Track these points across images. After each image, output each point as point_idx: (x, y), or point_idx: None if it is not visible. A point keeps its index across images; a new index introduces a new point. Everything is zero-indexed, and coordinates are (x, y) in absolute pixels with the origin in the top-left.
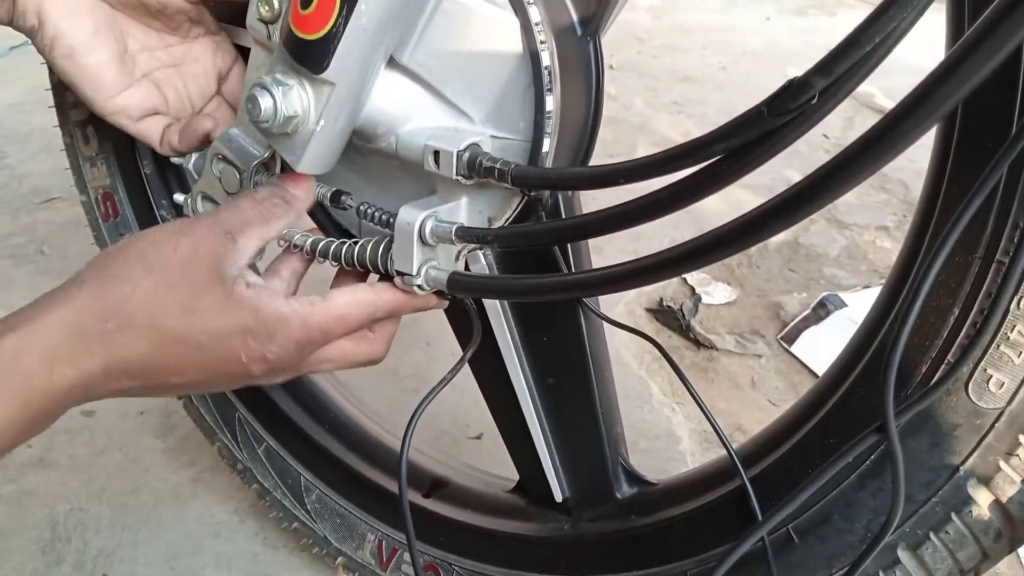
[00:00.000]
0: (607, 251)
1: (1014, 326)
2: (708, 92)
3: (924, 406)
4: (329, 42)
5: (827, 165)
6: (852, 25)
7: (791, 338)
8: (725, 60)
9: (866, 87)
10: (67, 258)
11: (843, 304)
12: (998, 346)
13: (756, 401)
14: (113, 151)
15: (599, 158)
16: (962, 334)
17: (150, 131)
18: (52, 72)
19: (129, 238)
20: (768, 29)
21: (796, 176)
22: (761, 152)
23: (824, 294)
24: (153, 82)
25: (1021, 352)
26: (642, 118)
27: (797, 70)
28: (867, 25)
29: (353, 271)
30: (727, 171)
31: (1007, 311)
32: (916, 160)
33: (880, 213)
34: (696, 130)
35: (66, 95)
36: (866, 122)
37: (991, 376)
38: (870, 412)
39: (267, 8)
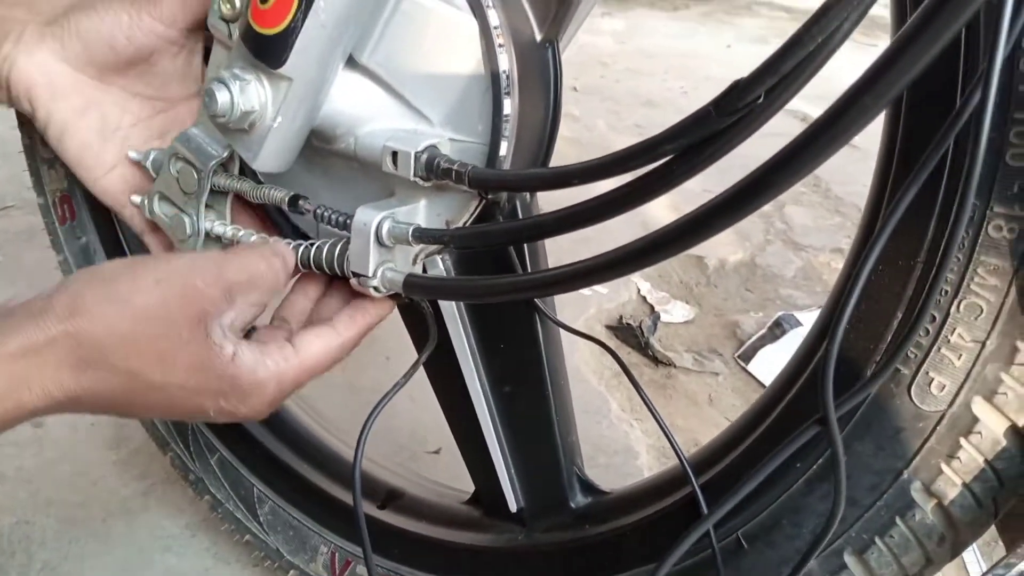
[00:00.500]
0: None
1: (954, 329)
2: (670, 116)
3: (862, 399)
4: (287, 37)
5: (771, 159)
6: None
7: (748, 356)
8: (687, 85)
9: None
10: (22, 266)
11: (798, 323)
12: (939, 349)
13: (713, 418)
14: None
15: None
16: (903, 336)
17: (135, 218)
18: None
19: (112, 267)
20: (729, 56)
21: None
22: (710, 151)
23: (780, 314)
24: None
25: (960, 355)
26: (604, 140)
27: None
28: (810, 25)
29: (310, 272)
30: (678, 171)
31: (947, 314)
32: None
33: (835, 236)
34: None
35: None
36: None
37: (932, 379)
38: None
39: (228, 6)
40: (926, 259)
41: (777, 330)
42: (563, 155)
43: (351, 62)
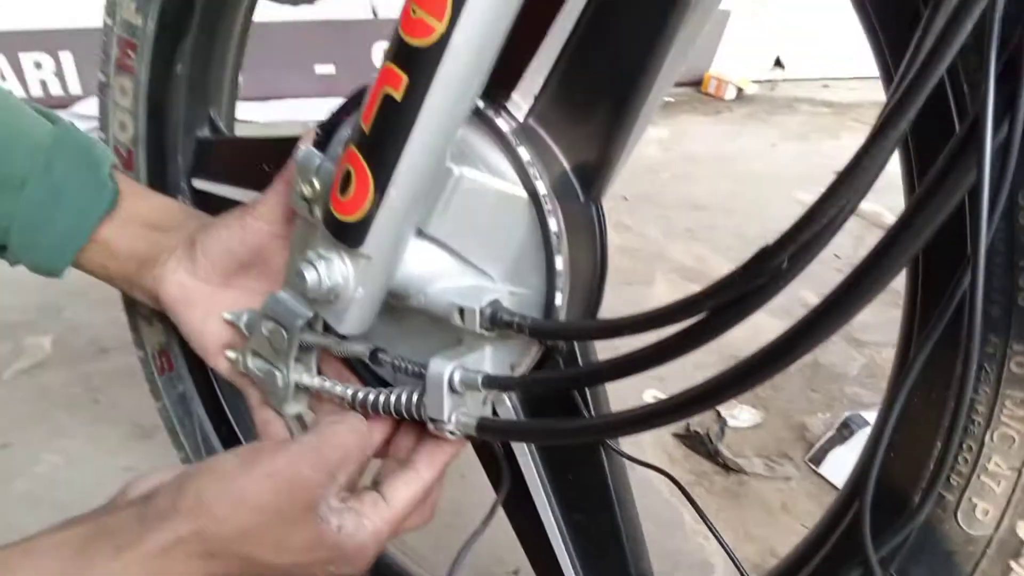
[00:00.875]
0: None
1: (990, 457)
2: (719, 218)
3: (906, 534)
4: (365, 223)
5: (836, 289)
6: (854, 146)
7: (818, 459)
8: (734, 186)
9: (873, 206)
10: (121, 406)
11: (866, 423)
12: (979, 476)
13: (789, 525)
14: None
15: (619, 286)
16: (945, 466)
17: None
18: None
19: (226, 464)
20: (774, 154)
21: (811, 296)
22: (742, 309)
23: (847, 414)
24: None
25: (1000, 481)
26: (658, 246)
27: (804, 193)
28: (822, 202)
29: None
30: (716, 324)
31: (982, 443)
32: None
33: (896, 330)
34: (711, 255)
35: None
36: (875, 239)
37: (976, 504)
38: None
39: (310, 189)
40: (958, 393)
41: (845, 431)
42: (618, 265)
43: (419, 232)
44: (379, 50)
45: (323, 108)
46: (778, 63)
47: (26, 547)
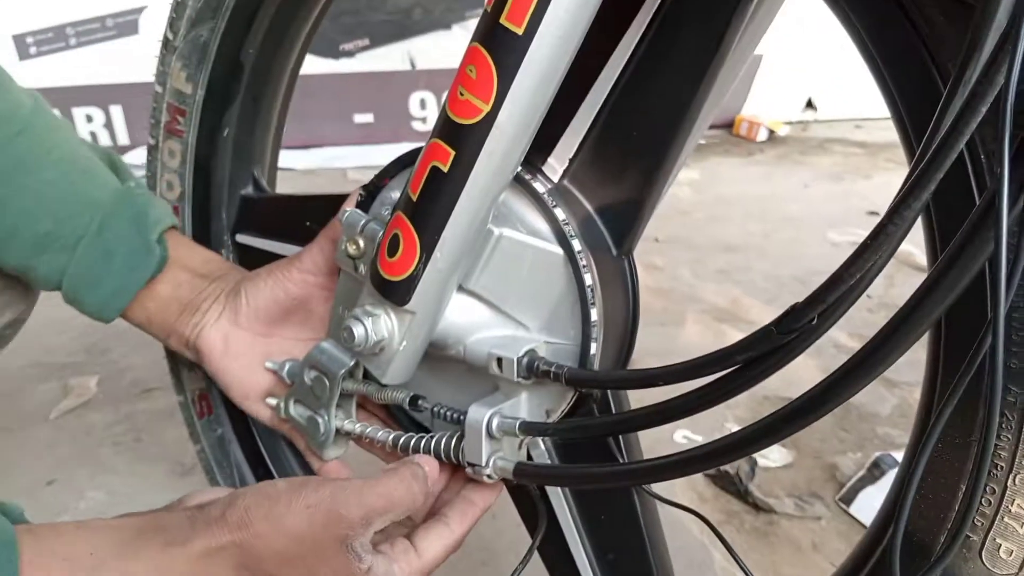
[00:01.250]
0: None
1: (1013, 500)
2: (752, 260)
3: (936, 574)
4: (411, 282)
5: (862, 349)
6: (887, 186)
7: (849, 499)
8: (767, 228)
9: (906, 246)
10: (162, 444)
11: (896, 463)
12: (1002, 518)
13: (819, 564)
14: None
15: (652, 327)
16: (972, 508)
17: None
18: None
19: (277, 488)
20: (807, 195)
21: (843, 337)
22: (773, 363)
23: (878, 454)
24: None
25: (1023, 523)
26: (690, 288)
27: (837, 234)
28: (849, 264)
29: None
30: (747, 377)
31: (1005, 487)
32: None
33: None
34: (743, 297)
35: None
36: (906, 279)
37: (1000, 544)
38: None
39: (355, 247)
40: (980, 437)
41: (876, 471)
42: (650, 306)
43: (460, 287)
44: (416, 99)
45: (361, 155)
46: (810, 104)
47: (81, 523)
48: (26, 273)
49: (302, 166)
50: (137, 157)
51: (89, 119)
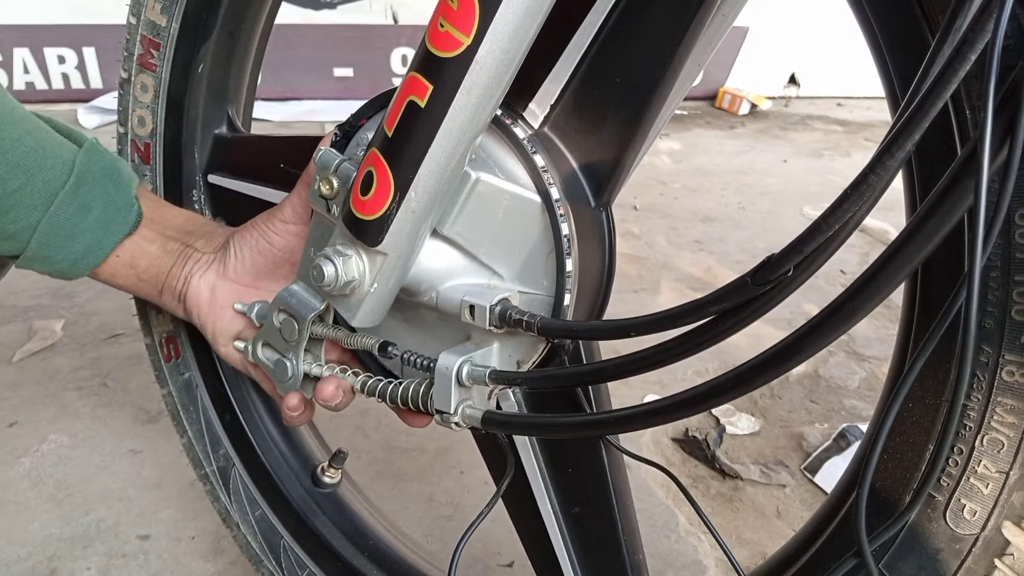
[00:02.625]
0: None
1: (980, 460)
2: (728, 231)
3: (900, 526)
4: (384, 222)
5: (837, 299)
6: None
7: (814, 468)
8: (744, 200)
9: (880, 223)
10: (128, 391)
11: (863, 434)
12: (968, 478)
13: (781, 531)
14: None
15: (626, 293)
16: (936, 467)
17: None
18: None
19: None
20: (785, 170)
21: (815, 309)
22: (748, 314)
23: (844, 425)
24: None
25: (988, 484)
26: (665, 256)
27: (814, 209)
28: (828, 214)
29: (395, 407)
30: (720, 329)
31: (972, 447)
32: None
33: None
34: (717, 267)
35: None
36: None
37: (964, 505)
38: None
39: (328, 187)
40: (951, 398)
41: (842, 441)
42: (625, 273)
43: (434, 232)
44: (398, 55)
45: (340, 110)
46: (793, 80)
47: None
48: None
49: (278, 118)
50: (109, 102)
51: (61, 60)
